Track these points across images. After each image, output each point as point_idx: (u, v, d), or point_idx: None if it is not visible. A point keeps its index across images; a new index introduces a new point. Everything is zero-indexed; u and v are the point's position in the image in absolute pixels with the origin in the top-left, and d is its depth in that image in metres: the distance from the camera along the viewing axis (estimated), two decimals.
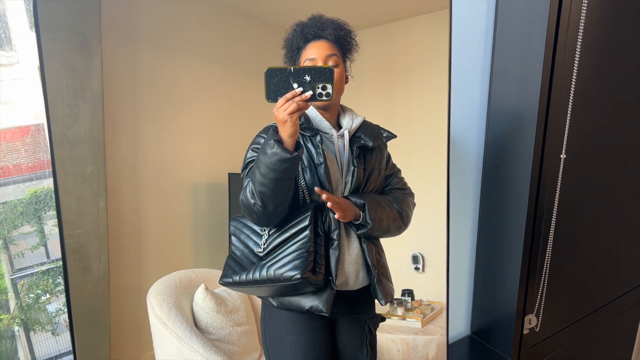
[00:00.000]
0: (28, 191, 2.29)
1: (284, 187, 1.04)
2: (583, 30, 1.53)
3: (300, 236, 1.09)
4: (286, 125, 0.99)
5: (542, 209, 1.72)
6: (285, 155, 0.98)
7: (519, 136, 1.66)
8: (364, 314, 1.23)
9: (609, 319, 2.35)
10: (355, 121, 1.21)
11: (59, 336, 2.28)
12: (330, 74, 0.99)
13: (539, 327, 1.90)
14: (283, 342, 1.18)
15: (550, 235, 1.76)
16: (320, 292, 1.11)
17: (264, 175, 1.02)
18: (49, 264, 2.28)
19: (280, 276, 1.06)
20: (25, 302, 2.19)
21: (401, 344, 1.57)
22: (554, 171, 1.70)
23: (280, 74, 0.98)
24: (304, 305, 1.12)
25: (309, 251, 1.07)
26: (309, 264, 1.06)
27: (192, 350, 1.25)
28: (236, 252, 1.18)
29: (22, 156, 2.35)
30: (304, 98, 0.99)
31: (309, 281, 1.06)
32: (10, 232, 2.24)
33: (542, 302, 1.87)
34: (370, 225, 1.13)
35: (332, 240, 1.13)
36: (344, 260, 1.15)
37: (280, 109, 0.99)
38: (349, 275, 1.16)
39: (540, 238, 1.77)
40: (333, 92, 1.00)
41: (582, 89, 1.67)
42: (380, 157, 1.25)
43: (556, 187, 1.72)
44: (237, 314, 1.43)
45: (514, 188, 1.72)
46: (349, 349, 1.23)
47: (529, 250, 1.75)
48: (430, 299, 1.70)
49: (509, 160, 1.73)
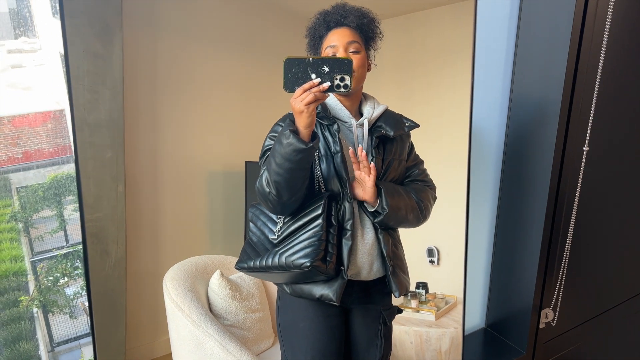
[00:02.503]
0: (48, 176, 2.33)
1: (298, 177, 1.04)
2: (611, 20, 1.49)
3: (312, 225, 1.10)
4: (303, 115, 0.99)
5: (562, 201, 1.70)
6: (300, 145, 0.98)
7: (541, 128, 1.63)
8: (379, 304, 1.22)
9: (627, 316, 2.32)
10: (376, 110, 1.19)
11: (76, 319, 2.33)
12: (349, 65, 0.98)
13: (555, 321, 1.88)
14: (296, 328, 1.19)
15: (570, 229, 1.74)
16: (331, 281, 1.11)
17: (279, 164, 1.02)
18: (67, 247, 2.33)
19: (291, 263, 1.07)
20: (44, 285, 2.24)
21: (414, 336, 1.57)
22: (576, 164, 1.67)
23: (298, 64, 0.98)
24: (315, 293, 1.12)
25: (320, 240, 1.07)
26: (320, 253, 1.07)
27: (207, 335, 1.26)
28: (253, 238, 1.19)
29: (44, 141, 2.39)
30: (322, 89, 0.98)
31: (318, 270, 1.07)
32: (30, 215, 2.29)
33: (559, 296, 1.84)
34: (387, 211, 1.11)
35: (345, 230, 1.12)
36: (357, 250, 1.14)
37: (297, 99, 0.98)
38: (362, 265, 1.15)
39: (559, 231, 1.74)
40: (351, 83, 0.99)
41: (607, 80, 1.63)
42: (402, 148, 1.22)
43: (578, 180, 1.70)
44: (252, 300, 1.44)
45: (535, 180, 1.69)
46: (362, 339, 1.23)
47: (548, 243, 1.73)
48: (445, 293, 1.69)
49: (530, 151, 1.70)
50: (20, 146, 2.37)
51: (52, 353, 2.19)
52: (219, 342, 1.25)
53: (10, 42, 2.03)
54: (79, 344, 2.28)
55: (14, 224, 2.27)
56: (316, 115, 1.12)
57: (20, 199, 2.24)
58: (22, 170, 2.28)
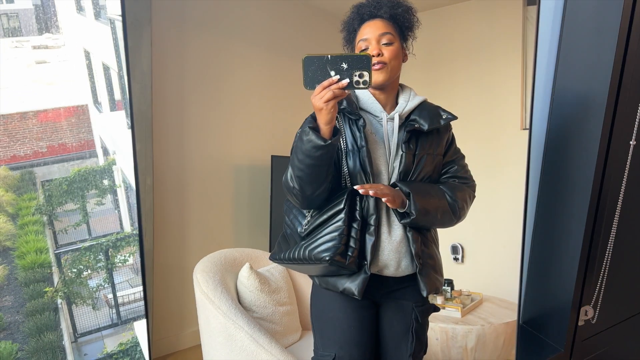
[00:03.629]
0: (72, 170, 2.37)
1: (320, 173, 1.04)
2: None
3: (335, 219, 1.09)
4: (322, 112, 0.98)
5: (605, 197, 1.66)
6: (318, 142, 0.98)
7: (585, 121, 1.59)
8: (411, 300, 1.20)
9: None
10: (410, 103, 1.16)
11: (99, 311, 2.37)
12: (368, 61, 0.98)
13: (595, 319, 1.85)
14: (326, 318, 1.19)
15: (614, 225, 1.70)
16: (354, 275, 1.11)
17: (301, 161, 1.03)
18: (90, 240, 2.37)
19: (313, 257, 1.07)
20: (68, 277, 2.28)
21: (440, 332, 1.57)
22: (622, 158, 1.63)
23: (317, 61, 0.97)
24: (339, 286, 1.12)
25: (341, 234, 1.07)
26: (340, 248, 1.06)
27: (237, 327, 1.27)
28: (287, 231, 1.20)
29: (67, 136, 2.43)
30: (341, 86, 0.97)
31: (338, 264, 1.07)
32: (55, 208, 2.33)
33: (600, 293, 1.81)
34: (414, 216, 1.10)
35: (369, 225, 1.11)
36: (382, 246, 1.13)
37: (317, 96, 0.98)
38: (388, 262, 1.14)
39: (602, 227, 1.70)
40: (370, 79, 0.99)
41: None
42: (438, 142, 1.18)
43: (623, 175, 1.65)
44: (280, 294, 1.45)
45: (577, 175, 1.65)
46: (392, 334, 1.21)
47: (590, 239, 1.69)
48: (470, 290, 1.69)
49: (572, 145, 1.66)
50: (44, 140, 2.41)
51: (76, 344, 2.23)
52: (249, 334, 1.26)
53: (34, 38, 2.06)
54: (102, 335, 2.32)
55: (38, 216, 2.31)
56: (343, 110, 1.12)
57: (45, 192, 2.28)
58: (47, 165, 2.32)
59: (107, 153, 2.40)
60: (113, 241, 2.23)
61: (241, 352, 1.27)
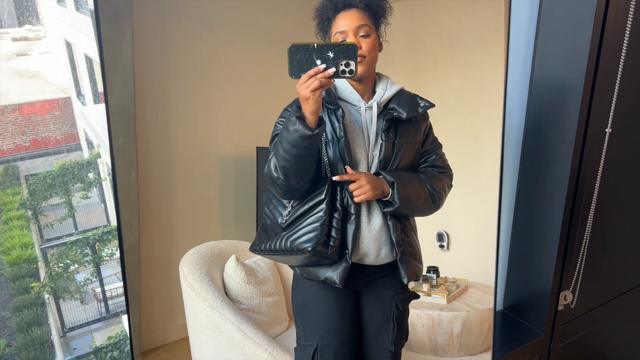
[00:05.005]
0: (56, 163, 2.33)
1: (305, 163, 1.05)
2: None
3: (316, 210, 1.10)
4: (309, 102, 0.98)
5: (583, 183, 1.68)
6: (306, 132, 0.98)
7: (563, 109, 1.61)
8: (391, 288, 1.22)
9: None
10: (388, 91, 1.16)
11: (87, 305, 2.35)
12: (354, 50, 0.98)
13: (574, 303, 1.88)
14: (307, 308, 1.21)
15: (591, 211, 1.72)
16: (335, 265, 1.12)
17: (286, 150, 1.02)
18: (77, 234, 2.34)
19: (295, 247, 1.08)
20: (55, 271, 2.25)
21: (426, 319, 1.59)
22: (598, 146, 1.65)
23: (303, 50, 0.97)
24: (320, 275, 1.13)
25: (323, 225, 1.08)
26: (321, 238, 1.07)
27: (224, 319, 1.28)
28: (267, 221, 1.20)
29: (51, 129, 2.39)
30: (327, 75, 0.97)
31: (320, 254, 1.08)
32: (39, 203, 2.30)
33: (579, 278, 1.84)
34: (398, 205, 1.11)
35: (349, 214, 1.12)
36: (362, 235, 1.14)
37: (302, 85, 0.98)
38: (368, 251, 1.15)
39: (579, 213, 1.73)
40: (356, 69, 0.99)
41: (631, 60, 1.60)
42: (416, 131, 1.18)
43: (600, 162, 1.67)
44: (267, 285, 1.45)
45: (556, 161, 1.67)
46: (373, 322, 1.23)
47: (568, 225, 1.72)
48: (455, 277, 1.71)
49: (551, 133, 1.67)
50: (27, 134, 2.37)
51: (64, 338, 2.22)
52: (237, 326, 1.27)
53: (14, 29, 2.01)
54: (90, 329, 2.31)
55: (23, 211, 2.28)
56: (322, 100, 1.12)
57: (29, 186, 2.25)
58: (31, 158, 2.29)
59: (92, 146, 2.37)
60: (100, 235, 2.21)
61: (228, 343, 1.28)
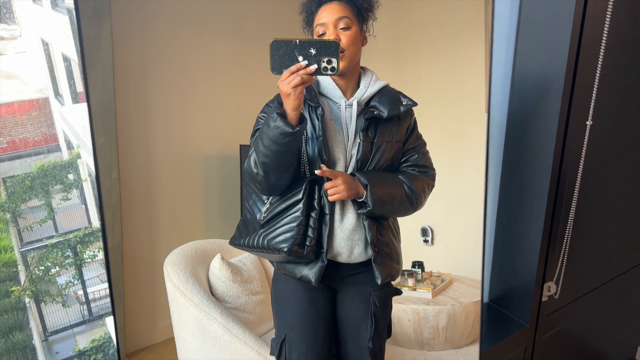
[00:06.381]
0: (35, 165, 2.29)
1: (286, 160, 1.04)
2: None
3: (294, 209, 1.10)
4: (290, 98, 0.98)
5: (565, 175, 1.71)
6: (286, 129, 0.98)
7: (544, 102, 1.63)
8: (368, 284, 1.21)
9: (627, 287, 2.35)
10: (370, 88, 1.15)
11: (69, 308, 2.31)
12: (336, 47, 0.98)
13: (558, 294, 1.91)
14: (280, 299, 1.22)
15: (573, 203, 1.75)
16: (312, 263, 1.13)
17: (267, 147, 1.02)
18: (57, 237, 2.30)
19: (271, 246, 1.09)
20: (36, 275, 2.21)
21: (412, 313, 1.60)
22: (580, 138, 1.68)
23: (285, 46, 0.97)
24: (297, 273, 1.14)
25: (299, 225, 1.08)
26: (298, 238, 1.07)
27: (210, 318, 1.27)
28: (247, 215, 1.20)
29: (28, 130, 2.35)
30: (309, 72, 0.97)
31: (296, 254, 1.08)
32: (18, 205, 2.25)
33: (562, 269, 1.87)
34: (371, 207, 1.10)
35: (325, 214, 1.12)
36: (335, 234, 1.14)
37: (284, 81, 0.97)
38: (340, 249, 1.14)
39: (562, 205, 1.76)
40: (338, 66, 0.99)
41: (611, 53, 1.62)
42: (397, 129, 1.17)
43: (581, 154, 1.70)
44: (252, 283, 1.45)
45: (538, 154, 1.69)
46: (351, 318, 1.22)
47: (551, 217, 1.75)
48: (440, 271, 1.72)
49: (533, 126, 1.69)
50: (4, 136, 2.33)
51: (46, 342, 2.18)
52: (223, 325, 1.26)
53: None
54: (73, 333, 2.27)
55: (1, 214, 2.23)
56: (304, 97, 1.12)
57: (7, 189, 2.20)
58: (9, 160, 2.24)
59: (71, 147, 2.33)
60: (81, 237, 2.18)
61: (215, 343, 1.27)
